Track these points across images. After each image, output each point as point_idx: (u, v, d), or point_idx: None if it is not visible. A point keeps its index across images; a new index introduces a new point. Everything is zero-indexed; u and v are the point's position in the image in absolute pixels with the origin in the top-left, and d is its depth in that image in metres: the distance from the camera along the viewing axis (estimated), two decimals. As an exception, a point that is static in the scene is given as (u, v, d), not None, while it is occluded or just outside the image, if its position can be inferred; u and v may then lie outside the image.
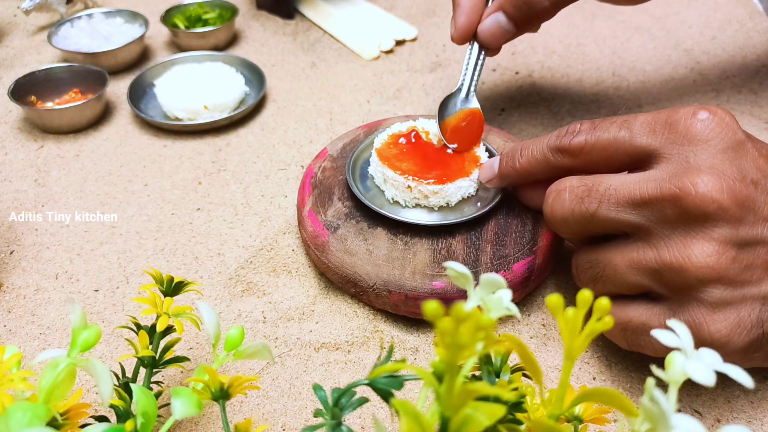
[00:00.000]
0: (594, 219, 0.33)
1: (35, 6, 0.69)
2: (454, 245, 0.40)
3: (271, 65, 0.66)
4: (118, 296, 0.42)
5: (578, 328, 0.21)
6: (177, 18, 0.70)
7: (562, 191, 0.34)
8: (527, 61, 0.65)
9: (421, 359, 0.38)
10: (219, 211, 0.48)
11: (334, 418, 0.23)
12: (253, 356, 0.28)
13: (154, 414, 0.25)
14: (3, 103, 0.60)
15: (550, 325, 0.40)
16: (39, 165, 0.53)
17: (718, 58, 0.65)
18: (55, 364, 0.24)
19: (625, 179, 0.32)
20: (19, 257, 0.45)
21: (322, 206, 0.43)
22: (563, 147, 0.35)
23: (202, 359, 0.38)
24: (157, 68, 0.62)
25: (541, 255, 0.40)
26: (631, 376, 0.37)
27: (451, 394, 0.18)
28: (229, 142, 0.56)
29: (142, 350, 0.30)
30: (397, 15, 0.75)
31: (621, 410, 0.21)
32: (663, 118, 0.32)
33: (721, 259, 0.29)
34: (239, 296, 0.42)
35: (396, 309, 0.39)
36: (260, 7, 0.77)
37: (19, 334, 0.39)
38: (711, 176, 0.29)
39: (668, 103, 0.59)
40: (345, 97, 0.61)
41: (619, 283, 0.33)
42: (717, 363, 0.21)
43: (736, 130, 0.31)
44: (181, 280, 0.33)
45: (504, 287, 0.24)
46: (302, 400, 0.36)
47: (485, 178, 0.41)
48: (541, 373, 0.23)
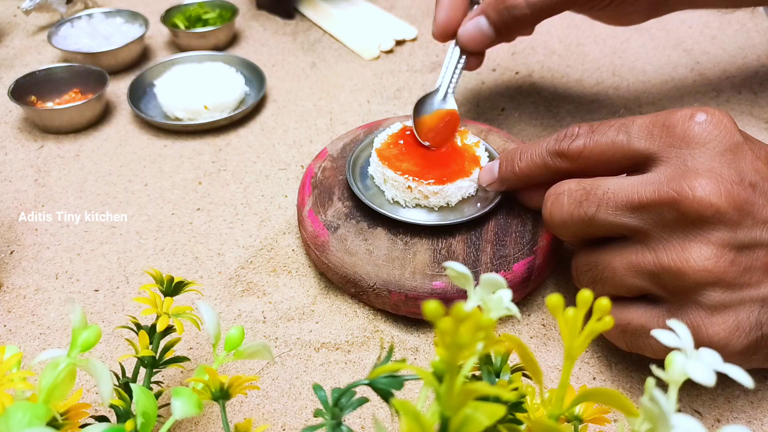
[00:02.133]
0: (592, 222, 0.33)
1: (35, 6, 0.69)
2: (454, 245, 0.40)
3: (271, 65, 0.66)
4: (118, 296, 0.42)
5: (578, 328, 0.21)
6: (177, 18, 0.70)
7: (560, 195, 0.34)
8: (527, 61, 0.65)
9: (421, 359, 0.38)
10: (219, 211, 0.48)
11: (334, 418, 0.23)
12: (253, 356, 0.28)
13: (154, 414, 0.25)
14: (3, 103, 0.60)
15: (550, 325, 0.40)
16: (39, 165, 0.53)
17: (718, 58, 0.65)
18: (55, 364, 0.24)
19: (623, 182, 0.32)
20: (19, 257, 0.45)
21: (322, 206, 0.43)
22: (562, 151, 0.35)
23: (202, 359, 0.38)
24: (157, 68, 0.62)
25: (541, 255, 0.40)
26: (631, 376, 0.37)
27: (451, 394, 0.18)
28: (229, 142, 0.56)
29: (142, 350, 0.30)
30: (397, 15, 0.75)
31: (621, 410, 0.21)
32: (661, 121, 0.32)
33: (719, 262, 0.29)
34: (239, 296, 0.42)
35: (396, 309, 0.39)
36: (260, 7, 0.77)
37: (19, 334, 0.39)
38: (709, 180, 0.29)
39: (668, 102, 0.59)
40: (345, 97, 0.61)
41: (618, 286, 0.33)
42: (717, 363, 0.21)
43: (733, 133, 0.31)
44: (181, 280, 0.33)
45: (504, 287, 0.24)
46: (302, 400, 0.36)
47: (485, 181, 0.41)
48: (541, 373, 0.23)
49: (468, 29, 0.43)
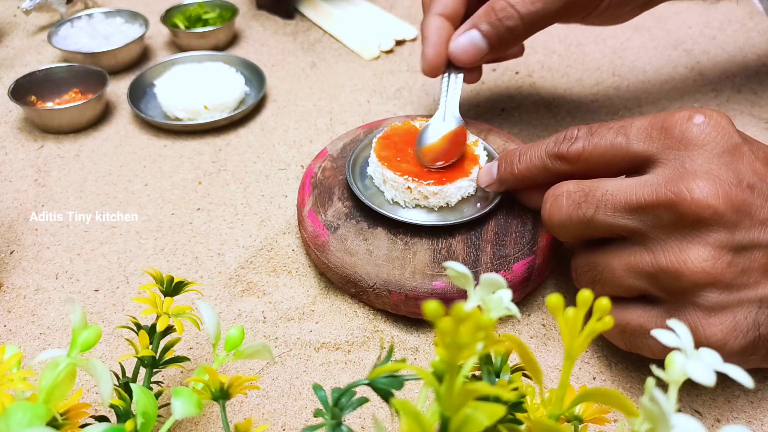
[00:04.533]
0: (591, 224, 0.33)
1: (35, 6, 0.69)
2: (454, 245, 0.40)
3: (271, 65, 0.66)
4: (118, 296, 0.42)
5: (578, 328, 0.21)
6: (177, 18, 0.70)
7: (559, 196, 0.34)
8: (527, 61, 0.65)
9: (421, 359, 0.38)
10: (219, 211, 0.48)
11: (334, 418, 0.23)
12: (253, 356, 0.28)
13: (154, 414, 0.25)
14: (3, 103, 0.60)
15: (550, 325, 0.40)
16: (39, 165, 0.53)
17: (718, 58, 0.65)
18: (55, 364, 0.24)
19: (621, 184, 0.32)
20: (19, 257, 0.45)
21: (322, 206, 0.43)
22: (561, 154, 0.35)
23: (202, 359, 0.38)
24: (157, 68, 0.62)
25: (541, 255, 0.40)
26: (631, 376, 0.37)
27: (451, 394, 0.18)
28: (229, 142, 0.56)
29: (142, 350, 0.30)
30: (397, 15, 0.75)
31: (621, 410, 0.21)
32: (659, 123, 0.32)
33: (716, 263, 0.29)
34: (239, 296, 0.42)
35: (396, 309, 0.39)
36: (260, 7, 0.77)
37: (19, 334, 0.39)
38: (707, 181, 0.29)
39: (668, 102, 0.59)
40: (345, 97, 0.61)
41: (617, 286, 0.33)
42: (717, 363, 0.22)
43: (732, 134, 0.31)
44: (181, 280, 0.33)
45: (504, 287, 0.24)
46: (302, 400, 0.36)
47: (484, 182, 0.41)
48: (541, 373, 0.23)
49: (460, 43, 0.42)
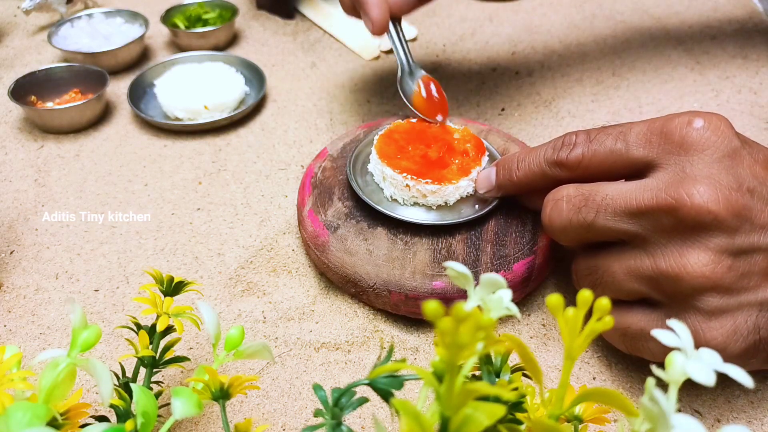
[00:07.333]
0: (591, 228, 0.33)
1: (35, 6, 0.69)
2: (454, 245, 0.40)
3: (271, 65, 0.66)
4: (118, 296, 0.42)
5: (578, 328, 0.21)
6: (177, 18, 0.70)
7: (559, 201, 0.34)
8: (527, 61, 0.65)
9: (421, 359, 0.38)
10: (219, 211, 0.48)
11: (334, 418, 0.23)
12: (253, 356, 0.28)
13: (154, 414, 0.25)
14: (3, 103, 0.60)
15: (550, 325, 0.40)
16: (39, 165, 0.53)
17: (718, 58, 0.65)
18: (55, 364, 0.24)
19: (621, 188, 0.32)
20: (19, 257, 0.45)
21: (322, 206, 0.43)
22: (560, 161, 0.35)
23: (202, 359, 0.38)
24: (157, 68, 0.62)
25: (541, 255, 0.40)
26: (631, 376, 0.37)
27: (451, 394, 0.18)
28: (229, 142, 0.56)
29: (142, 350, 0.30)
30: (397, 15, 0.75)
31: (621, 410, 0.21)
32: (658, 128, 0.32)
33: (716, 268, 0.29)
34: (239, 296, 0.42)
35: (396, 309, 0.39)
36: (260, 7, 0.77)
37: (19, 334, 0.39)
38: (706, 186, 0.29)
39: (668, 102, 0.59)
40: (345, 97, 0.61)
41: (618, 290, 0.33)
42: (717, 363, 0.22)
43: (731, 138, 0.30)
44: (181, 280, 0.33)
45: (504, 287, 0.24)
46: (302, 400, 0.36)
47: (483, 188, 0.41)
48: (541, 373, 0.23)
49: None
